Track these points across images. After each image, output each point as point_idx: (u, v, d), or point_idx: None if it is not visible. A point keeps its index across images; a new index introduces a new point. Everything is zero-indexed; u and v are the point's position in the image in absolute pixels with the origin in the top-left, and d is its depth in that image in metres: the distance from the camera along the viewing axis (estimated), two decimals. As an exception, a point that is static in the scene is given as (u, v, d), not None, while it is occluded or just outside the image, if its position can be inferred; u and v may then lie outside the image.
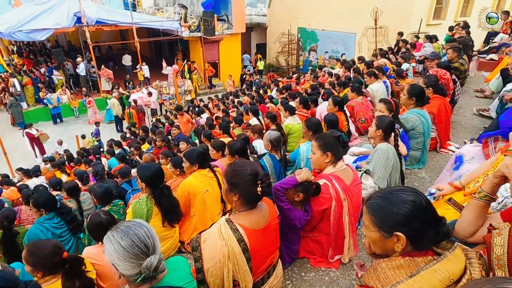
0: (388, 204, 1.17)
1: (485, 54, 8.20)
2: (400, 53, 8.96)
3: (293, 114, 5.72)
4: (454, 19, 15.51)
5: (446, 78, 4.42)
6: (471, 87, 6.79)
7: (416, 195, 1.16)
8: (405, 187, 1.21)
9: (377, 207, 1.20)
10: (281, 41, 19.29)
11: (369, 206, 1.23)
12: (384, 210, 1.18)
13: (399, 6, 14.10)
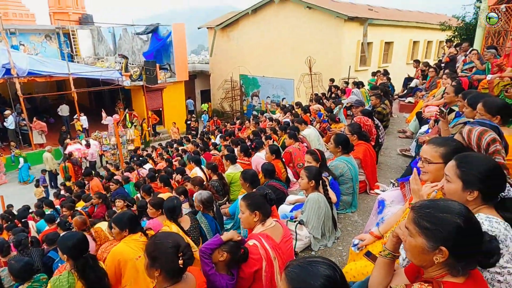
0: (306, 276, 1.19)
1: (404, 98, 9.17)
2: (331, 98, 9.69)
3: (234, 163, 5.77)
4: (377, 65, 17.33)
5: (368, 124, 4.84)
6: (394, 128, 7.47)
7: (332, 270, 1.18)
8: (324, 260, 1.23)
9: (295, 277, 1.22)
10: (224, 88, 19.88)
11: (287, 274, 1.24)
12: (300, 280, 1.19)
13: (329, 55, 15.48)
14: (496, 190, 1.52)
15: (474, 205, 1.53)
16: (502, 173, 1.52)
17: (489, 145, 1.95)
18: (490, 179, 1.48)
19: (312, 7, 15.51)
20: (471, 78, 7.27)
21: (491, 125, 2.22)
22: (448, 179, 1.59)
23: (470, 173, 1.52)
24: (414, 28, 19.03)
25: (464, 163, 1.55)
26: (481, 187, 1.50)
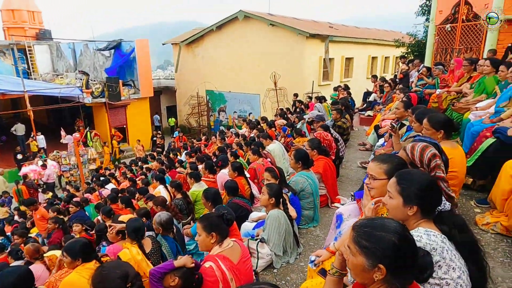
0: None
1: (364, 111, 9.56)
2: (295, 113, 9.90)
3: (199, 181, 5.70)
4: (339, 80, 18.01)
5: (328, 139, 4.98)
6: (355, 141, 7.74)
7: None
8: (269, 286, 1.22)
9: None
10: (190, 103, 19.76)
11: None
12: None
13: (293, 70, 15.89)
14: (433, 204, 1.61)
15: (414, 220, 1.61)
16: (438, 188, 1.61)
17: (430, 160, 2.07)
18: (427, 194, 1.57)
19: (275, 24, 15.94)
20: (423, 93, 7.74)
21: (431, 142, 2.36)
22: (390, 195, 1.67)
23: (409, 189, 1.60)
24: (372, 45, 20.04)
25: (403, 179, 1.64)
26: (419, 202, 1.58)
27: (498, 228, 2.74)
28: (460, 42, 8.68)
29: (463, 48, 8.61)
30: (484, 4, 8.02)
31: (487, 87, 5.27)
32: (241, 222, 3.96)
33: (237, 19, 17.14)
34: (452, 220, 1.56)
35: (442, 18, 9.19)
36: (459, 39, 8.73)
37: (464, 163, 2.99)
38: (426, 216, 1.60)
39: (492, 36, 7.92)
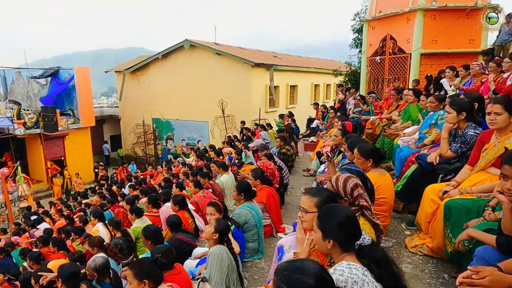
0: None
1: (308, 137, 9.94)
2: (243, 141, 9.99)
3: (140, 216, 5.42)
4: (285, 106, 18.66)
5: (271, 168, 5.06)
6: (300, 167, 7.95)
7: None
8: None
9: None
10: (136, 132, 19.08)
11: None
12: None
13: (240, 98, 16.17)
14: (351, 239, 1.67)
15: (337, 253, 1.67)
16: (356, 224, 1.68)
17: (353, 190, 2.18)
18: (344, 229, 1.64)
19: (221, 53, 16.27)
20: (359, 119, 8.27)
21: (356, 171, 2.50)
22: (314, 229, 1.73)
23: (327, 224, 1.67)
24: (314, 73, 21.23)
25: (323, 214, 1.71)
26: (337, 237, 1.64)
27: (425, 249, 2.93)
28: (389, 73, 9.53)
29: (392, 78, 9.44)
30: (406, 40, 8.96)
31: (412, 114, 5.79)
32: (185, 259, 3.81)
33: (183, 47, 17.22)
34: (371, 254, 1.63)
35: (372, 51, 10.07)
36: (388, 70, 9.58)
37: (392, 189, 3.19)
38: (347, 250, 1.66)
39: (415, 67, 8.81)
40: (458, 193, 2.69)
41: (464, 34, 8.67)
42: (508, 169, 1.76)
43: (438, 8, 8.45)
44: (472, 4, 8.40)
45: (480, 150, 2.80)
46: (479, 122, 3.20)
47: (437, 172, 3.29)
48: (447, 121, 3.28)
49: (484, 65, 6.57)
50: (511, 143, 2.50)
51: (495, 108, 2.58)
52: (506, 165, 1.78)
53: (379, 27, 9.78)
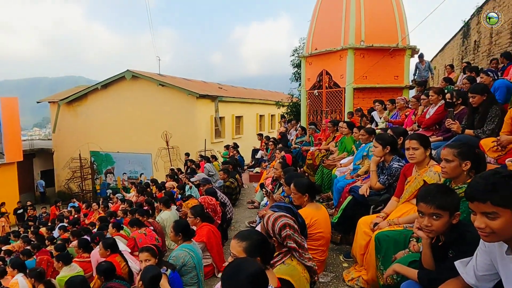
0: None
1: (252, 168, 9.99)
2: (185, 173, 9.73)
3: (69, 263, 4.90)
4: (231, 137, 18.77)
5: (212, 204, 4.94)
6: (245, 199, 7.89)
7: None
8: None
9: None
10: (71, 166, 17.72)
11: None
12: None
13: (185, 129, 15.94)
14: None
15: None
16: (264, 281, 1.52)
17: (281, 230, 2.17)
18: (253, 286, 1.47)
19: (165, 85, 16.08)
20: (301, 149, 8.53)
21: (285, 206, 2.52)
22: None
23: (235, 281, 1.48)
24: (259, 104, 21.80)
25: (230, 269, 1.54)
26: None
27: (361, 282, 2.98)
28: (326, 105, 10.09)
29: (329, 110, 10.00)
30: (340, 75, 9.64)
31: (347, 146, 6.11)
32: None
33: (125, 78, 16.75)
34: None
35: (310, 84, 10.65)
36: (325, 102, 10.15)
37: (329, 223, 3.26)
38: None
39: (349, 101, 9.44)
40: (387, 224, 2.81)
41: (390, 71, 9.58)
42: (423, 206, 1.83)
43: (366, 47, 9.28)
44: (394, 45, 9.36)
45: (404, 182, 2.99)
46: (402, 155, 3.44)
47: (368, 204, 3.44)
48: (374, 155, 3.49)
49: (407, 99, 7.25)
50: (428, 176, 2.70)
51: (412, 144, 2.80)
52: (421, 203, 1.85)
53: (315, 63, 10.43)
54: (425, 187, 2.00)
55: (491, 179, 1.29)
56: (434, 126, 5.15)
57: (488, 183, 1.28)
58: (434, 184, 2.23)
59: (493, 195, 1.25)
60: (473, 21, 13.52)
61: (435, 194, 1.81)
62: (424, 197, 1.84)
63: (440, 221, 1.80)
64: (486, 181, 1.29)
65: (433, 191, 1.84)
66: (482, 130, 3.80)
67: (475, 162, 2.23)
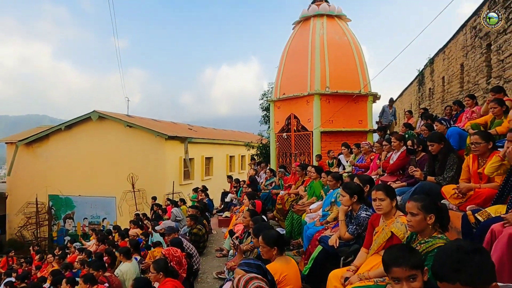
0: None
1: (222, 212, 9.71)
2: (151, 219, 9.29)
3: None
4: (201, 178, 18.42)
5: (177, 256, 4.65)
6: (213, 246, 7.55)
7: None
8: None
9: None
10: (26, 212, 16.45)
11: None
12: None
13: (153, 171, 15.48)
14: None
15: None
16: None
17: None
18: None
19: (132, 126, 15.79)
20: (271, 192, 8.45)
21: (255, 264, 2.40)
22: None
23: None
24: (229, 145, 21.82)
25: None
26: None
27: None
28: (295, 148, 10.25)
29: (298, 153, 10.14)
30: (308, 119, 9.92)
31: (316, 190, 6.11)
32: None
33: (91, 119, 16.30)
34: None
35: (279, 127, 10.85)
36: (294, 145, 10.31)
37: (298, 277, 3.13)
38: None
39: (316, 144, 9.65)
40: (357, 279, 2.73)
41: (354, 116, 10.00)
42: (397, 271, 1.73)
43: (331, 93, 9.71)
44: (357, 91, 9.87)
45: (372, 233, 2.97)
46: (369, 204, 3.46)
47: (338, 255, 3.36)
48: (342, 204, 3.48)
49: (371, 144, 7.50)
50: (395, 228, 2.70)
51: (378, 195, 2.82)
52: (394, 268, 1.74)
53: (283, 107, 10.72)
54: (387, 251, 1.92)
55: (455, 257, 1.27)
56: (398, 171, 5.31)
57: (453, 261, 1.26)
58: (395, 247, 2.11)
59: (461, 276, 1.23)
60: (427, 70, 14.69)
61: (405, 255, 1.75)
62: (395, 260, 1.75)
63: (418, 282, 1.73)
64: (451, 260, 1.28)
65: (402, 253, 1.79)
66: (442, 177, 3.94)
67: (439, 215, 2.25)
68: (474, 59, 9.04)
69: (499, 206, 2.99)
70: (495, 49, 7.70)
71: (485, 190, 3.34)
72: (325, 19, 10.52)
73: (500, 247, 2.35)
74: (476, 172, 3.54)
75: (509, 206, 2.86)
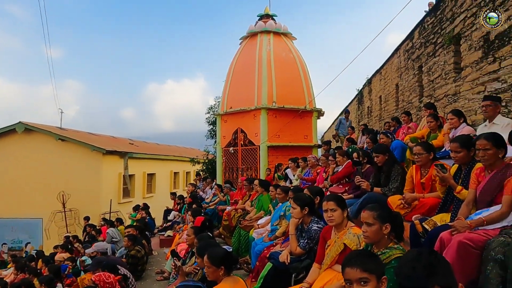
0: None
1: (164, 231, 9.08)
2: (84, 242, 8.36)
3: None
4: (142, 196, 17.34)
5: (110, 282, 4.10)
6: (153, 268, 6.93)
7: None
8: None
9: None
10: None
11: None
12: None
13: (88, 189, 14.18)
14: None
15: None
16: None
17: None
18: None
19: (65, 139, 14.44)
20: (217, 209, 8.11)
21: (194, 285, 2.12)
22: None
23: None
24: (173, 161, 20.98)
25: None
26: None
27: None
28: (242, 162, 10.06)
29: (245, 168, 9.96)
30: (255, 133, 9.84)
31: (264, 204, 5.94)
32: None
33: (15, 131, 14.60)
34: None
35: (226, 142, 10.62)
36: (241, 160, 10.12)
37: (247, 298, 2.85)
38: None
39: (264, 158, 9.57)
40: (310, 297, 2.54)
41: (300, 131, 10.16)
42: (349, 272, 1.69)
43: (277, 108, 9.78)
44: (302, 107, 10.07)
45: (324, 246, 2.83)
46: (320, 216, 3.34)
47: (290, 272, 3.16)
48: (293, 216, 3.32)
49: (317, 157, 7.59)
50: (348, 239, 2.58)
51: (329, 205, 2.70)
52: (346, 268, 1.70)
53: (230, 121, 10.54)
54: (348, 254, 1.86)
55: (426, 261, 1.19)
56: (344, 179, 5.37)
57: (425, 265, 1.18)
58: (356, 250, 2.10)
59: (438, 278, 1.13)
60: (365, 90, 15.64)
61: (360, 258, 1.73)
62: (349, 261, 1.73)
63: (370, 287, 1.65)
64: (423, 265, 1.19)
65: (358, 255, 1.77)
66: (388, 188, 3.99)
67: (394, 224, 2.17)
68: (407, 79, 9.76)
69: (443, 215, 3.05)
70: (426, 71, 8.37)
71: (428, 200, 3.41)
72: (272, 36, 10.69)
73: (450, 254, 2.32)
74: (419, 182, 3.61)
75: (453, 214, 2.92)
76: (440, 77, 7.47)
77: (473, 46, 6.02)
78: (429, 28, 8.00)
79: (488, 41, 5.54)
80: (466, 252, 2.28)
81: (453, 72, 6.89)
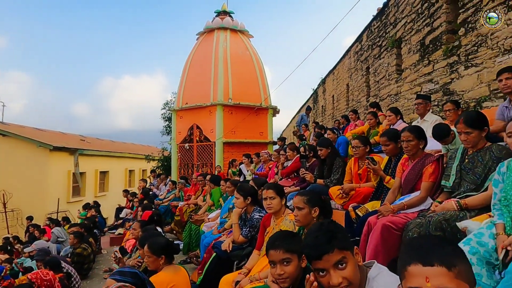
0: None
1: (115, 229, 8.80)
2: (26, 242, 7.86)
3: None
4: (94, 194, 16.59)
5: (48, 279, 3.92)
6: (102, 267, 6.71)
7: None
8: None
9: None
10: None
11: None
12: None
13: (32, 188, 13.32)
14: None
15: None
16: None
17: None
18: None
19: (6, 134, 13.44)
20: (170, 205, 8.01)
21: (130, 272, 2.14)
22: None
23: None
24: (128, 158, 20.28)
25: None
26: None
27: None
28: (197, 158, 10.01)
29: (200, 164, 9.92)
30: (210, 129, 9.83)
31: (215, 198, 5.99)
32: None
33: None
34: None
35: (181, 138, 10.50)
36: (196, 156, 10.06)
37: (189, 285, 2.89)
38: None
39: (219, 154, 9.59)
40: (248, 281, 2.63)
41: (255, 128, 10.30)
42: (273, 254, 1.78)
43: (233, 104, 9.85)
44: (258, 104, 10.22)
45: (264, 234, 2.94)
46: (263, 206, 3.45)
47: (232, 260, 3.24)
48: (236, 206, 3.40)
49: (270, 153, 7.77)
50: (284, 225, 2.70)
51: (269, 193, 2.81)
52: (270, 251, 1.79)
53: (186, 117, 10.44)
54: (271, 237, 1.97)
55: (326, 229, 1.33)
56: (293, 173, 5.57)
57: (326, 232, 1.31)
58: (278, 232, 2.23)
59: (337, 242, 1.27)
60: (320, 89, 16.18)
61: (281, 239, 1.83)
62: (272, 244, 1.82)
63: (292, 266, 1.79)
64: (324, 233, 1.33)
65: (279, 237, 1.87)
66: (330, 179, 4.22)
67: (322, 208, 2.33)
68: (356, 80, 10.27)
69: (375, 202, 3.29)
70: (372, 72, 8.87)
71: (364, 189, 3.66)
72: (229, 33, 10.73)
73: (375, 237, 2.53)
74: (356, 173, 3.86)
75: (383, 201, 3.17)
76: (384, 78, 7.96)
77: (412, 49, 6.49)
78: (376, 32, 8.49)
79: (424, 45, 6.01)
80: (389, 233, 2.50)
81: (395, 74, 7.38)
